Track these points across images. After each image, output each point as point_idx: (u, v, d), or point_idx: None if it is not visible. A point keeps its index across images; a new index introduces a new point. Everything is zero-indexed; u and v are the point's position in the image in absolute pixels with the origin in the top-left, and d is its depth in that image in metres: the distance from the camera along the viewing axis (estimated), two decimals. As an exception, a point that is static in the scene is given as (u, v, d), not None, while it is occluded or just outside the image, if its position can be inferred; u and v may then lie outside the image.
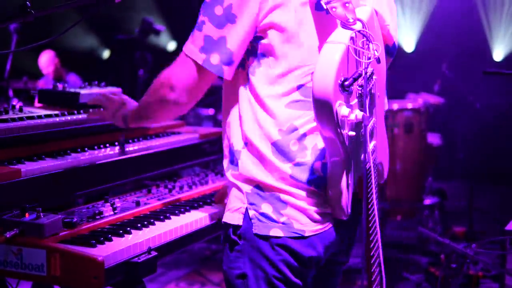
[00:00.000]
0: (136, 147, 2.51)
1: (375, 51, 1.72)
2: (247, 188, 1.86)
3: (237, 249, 1.87)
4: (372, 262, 1.80)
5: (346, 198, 1.81)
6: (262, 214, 1.83)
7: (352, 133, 1.72)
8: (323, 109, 1.66)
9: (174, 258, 5.32)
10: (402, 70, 7.83)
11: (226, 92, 1.97)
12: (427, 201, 5.41)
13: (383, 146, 2.03)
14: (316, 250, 1.86)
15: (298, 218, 1.83)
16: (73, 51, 9.02)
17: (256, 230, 1.83)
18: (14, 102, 2.50)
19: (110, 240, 1.86)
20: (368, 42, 1.72)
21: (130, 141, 2.57)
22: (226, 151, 1.95)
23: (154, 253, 1.89)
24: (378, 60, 1.76)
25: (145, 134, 2.73)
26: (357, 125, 1.74)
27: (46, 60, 6.98)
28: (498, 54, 8.06)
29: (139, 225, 2.01)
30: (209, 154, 2.91)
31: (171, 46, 9.55)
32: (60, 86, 2.63)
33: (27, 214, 1.84)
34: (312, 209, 1.84)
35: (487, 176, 7.70)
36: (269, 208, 1.83)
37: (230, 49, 1.82)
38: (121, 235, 1.91)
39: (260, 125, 1.85)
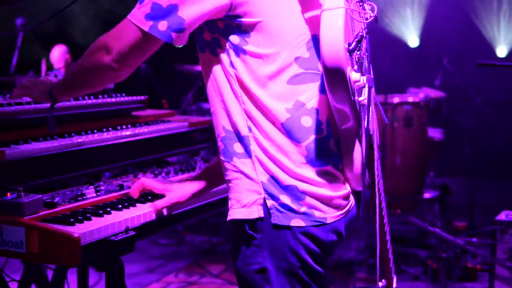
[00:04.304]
0: (124, 133, 2.55)
1: (372, 10, 1.70)
2: (263, 177, 1.76)
3: (254, 243, 1.78)
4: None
5: (359, 166, 1.79)
6: (282, 205, 1.75)
7: (363, 98, 1.67)
8: (336, 77, 1.61)
9: (174, 251, 5.37)
10: (404, 64, 7.84)
11: (211, 77, 1.82)
12: (427, 195, 5.43)
13: (374, 116, 1.97)
14: (338, 233, 1.81)
15: (319, 207, 1.76)
16: (84, 47, 9.08)
17: (275, 220, 1.74)
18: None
19: (89, 219, 1.90)
20: (362, 3, 1.70)
21: (119, 127, 2.61)
22: (227, 138, 1.81)
23: (132, 233, 1.92)
24: (376, 19, 1.71)
25: (135, 122, 2.77)
26: (360, 91, 1.69)
27: (58, 54, 7.05)
28: (501, 50, 8.02)
29: (119, 206, 2.04)
30: (199, 142, 2.94)
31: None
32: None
33: (8, 194, 1.89)
34: (333, 195, 1.78)
35: (494, 172, 7.68)
36: (288, 198, 1.75)
37: (182, 17, 1.71)
38: (101, 215, 1.94)
39: (264, 108, 1.75)
